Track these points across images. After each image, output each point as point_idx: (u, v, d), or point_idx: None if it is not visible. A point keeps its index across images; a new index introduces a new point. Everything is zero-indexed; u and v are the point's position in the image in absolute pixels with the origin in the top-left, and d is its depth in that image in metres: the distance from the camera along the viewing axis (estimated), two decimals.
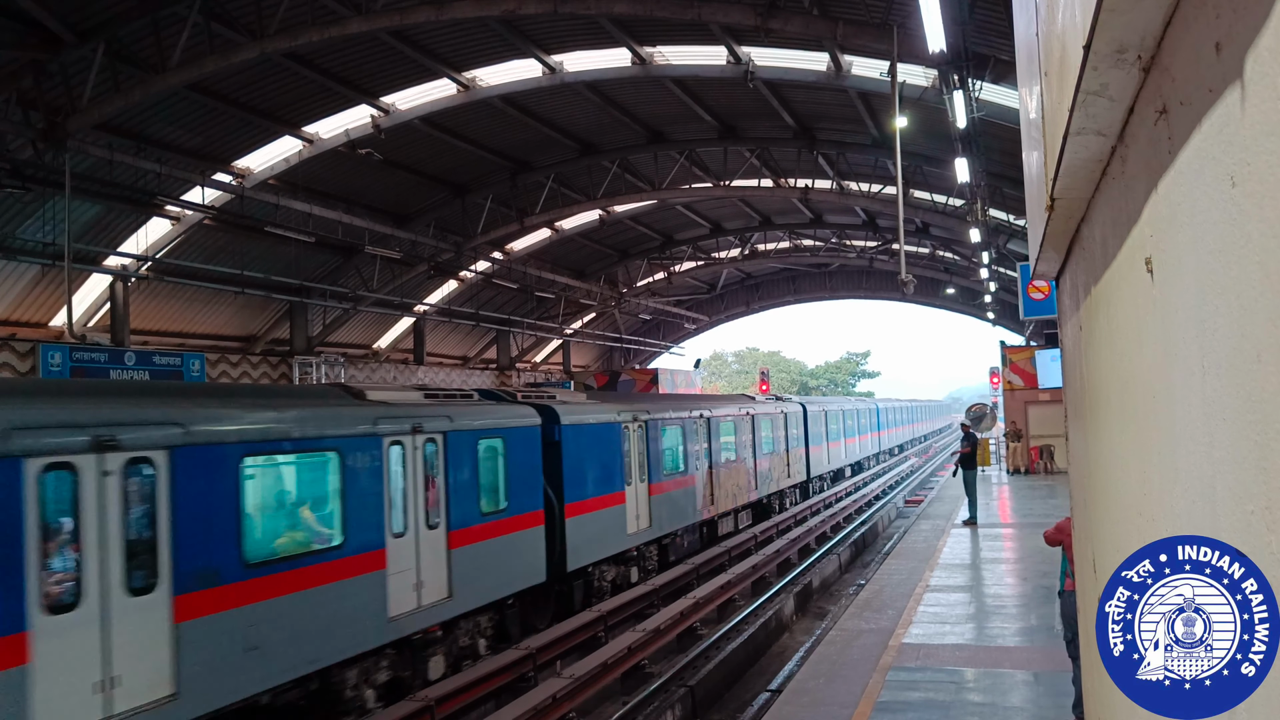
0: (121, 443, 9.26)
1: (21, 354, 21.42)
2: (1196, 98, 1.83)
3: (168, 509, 9.62)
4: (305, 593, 11.29)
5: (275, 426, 11.24)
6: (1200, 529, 2.03)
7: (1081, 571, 5.44)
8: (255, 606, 10.52)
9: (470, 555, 14.63)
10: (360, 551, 12.26)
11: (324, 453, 12.01)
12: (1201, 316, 1.91)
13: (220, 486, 10.34)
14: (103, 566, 8.96)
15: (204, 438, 10.18)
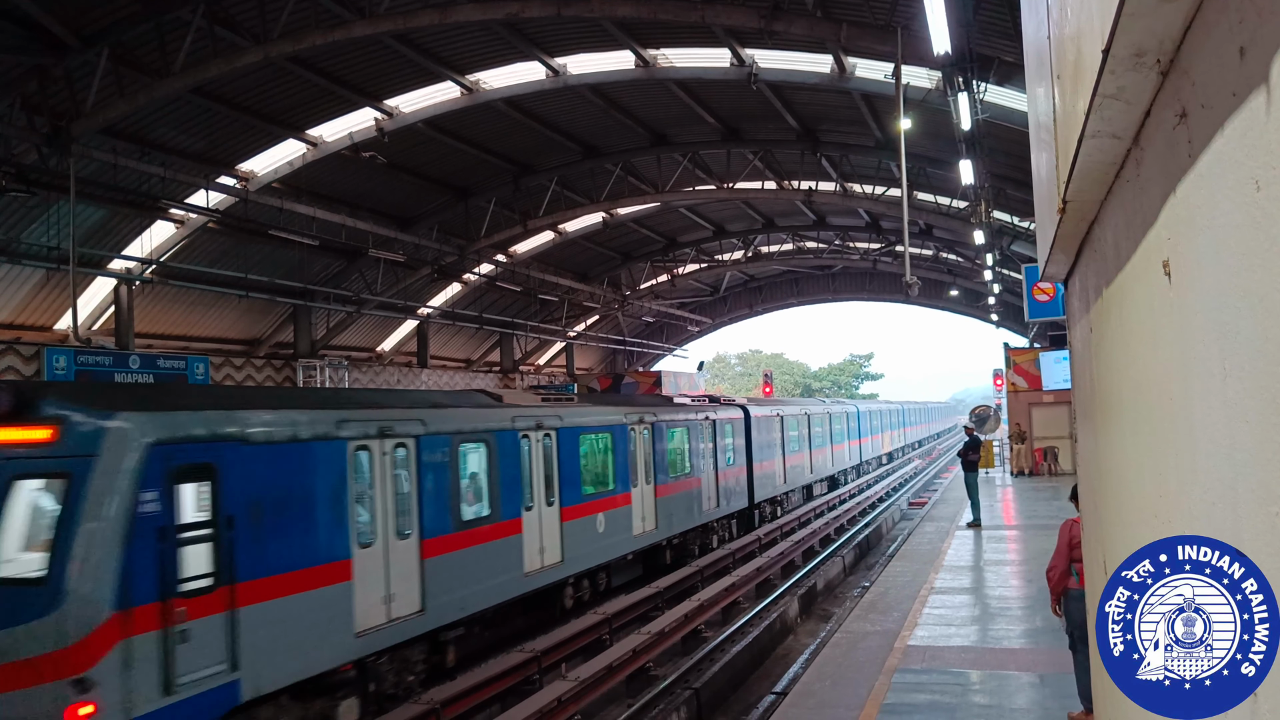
0: (395, 432, 13.28)
1: (26, 357, 21.44)
2: (1218, 101, 1.83)
3: (416, 480, 13.67)
4: (482, 546, 15.38)
5: (471, 423, 15.47)
6: (1220, 531, 2.03)
7: (1092, 573, 5.44)
8: (463, 552, 14.71)
9: (576, 527, 18.71)
10: (508, 519, 16.23)
11: (485, 441, 15.93)
12: (1223, 320, 1.91)
13: (443, 465, 14.44)
14: (385, 517, 12.93)
15: (434, 430, 14.28)
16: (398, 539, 13.17)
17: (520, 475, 16.78)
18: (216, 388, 20.22)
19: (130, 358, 23.37)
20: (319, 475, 11.97)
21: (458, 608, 14.49)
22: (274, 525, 11.09)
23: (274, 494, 11.22)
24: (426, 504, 13.87)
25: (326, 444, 12.11)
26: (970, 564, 19.27)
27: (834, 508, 36.77)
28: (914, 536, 24.20)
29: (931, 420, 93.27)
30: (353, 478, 12.41)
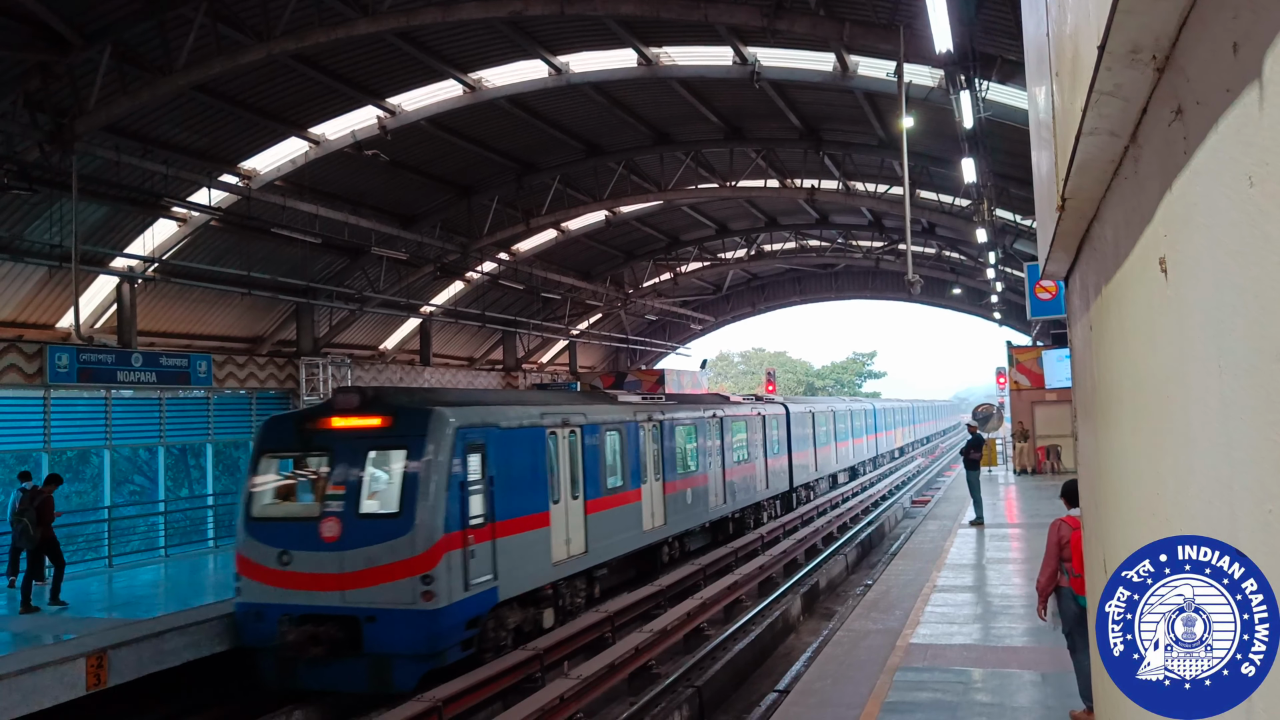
0: (570, 422, 18.66)
1: (29, 355, 21.45)
2: (1213, 98, 1.83)
3: (581, 457, 18.87)
4: (620, 508, 20.62)
5: (610, 416, 20.87)
6: (1217, 530, 2.03)
7: (1092, 572, 5.44)
8: (608, 511, 19.92)
9: (675, 498, 23.86)
10: (632, 488, 21.37)
11: (618, 430, 21.05)
12: (1219, 316, 1.90)
13: (596, 446, 19.61)
14: (565, 483, 18.19)
15: (591, 421, 19.60)
16: (572, 499, 18.48)
17: (639, 456, 22.07)
18: (477, 391, 25.81)
19: (133, 355, 23.40)
20: (533, 451, 17.23)
21: (606, 552, 19.83)
22: (512, 484, 16.20)
23: (512, 463, 16.30)
24: (588, 475, 19.20)
25: (537, 430, 17.44)
26: (972, 562, 19.28)
27: (847, 499, 36.93)
28: (916, 535, 24.20)
29: (938, 417, 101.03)
30: (549, 454, 17.70)
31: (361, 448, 14.94)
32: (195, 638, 14.85)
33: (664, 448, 23.43)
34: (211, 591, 18.63)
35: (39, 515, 16.53)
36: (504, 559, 15.52)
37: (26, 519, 16.41)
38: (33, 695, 12.57)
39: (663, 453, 23.34)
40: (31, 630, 15.15)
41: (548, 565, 17.19)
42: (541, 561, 17.00)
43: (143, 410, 25.04)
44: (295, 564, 14.54)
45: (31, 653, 13.52)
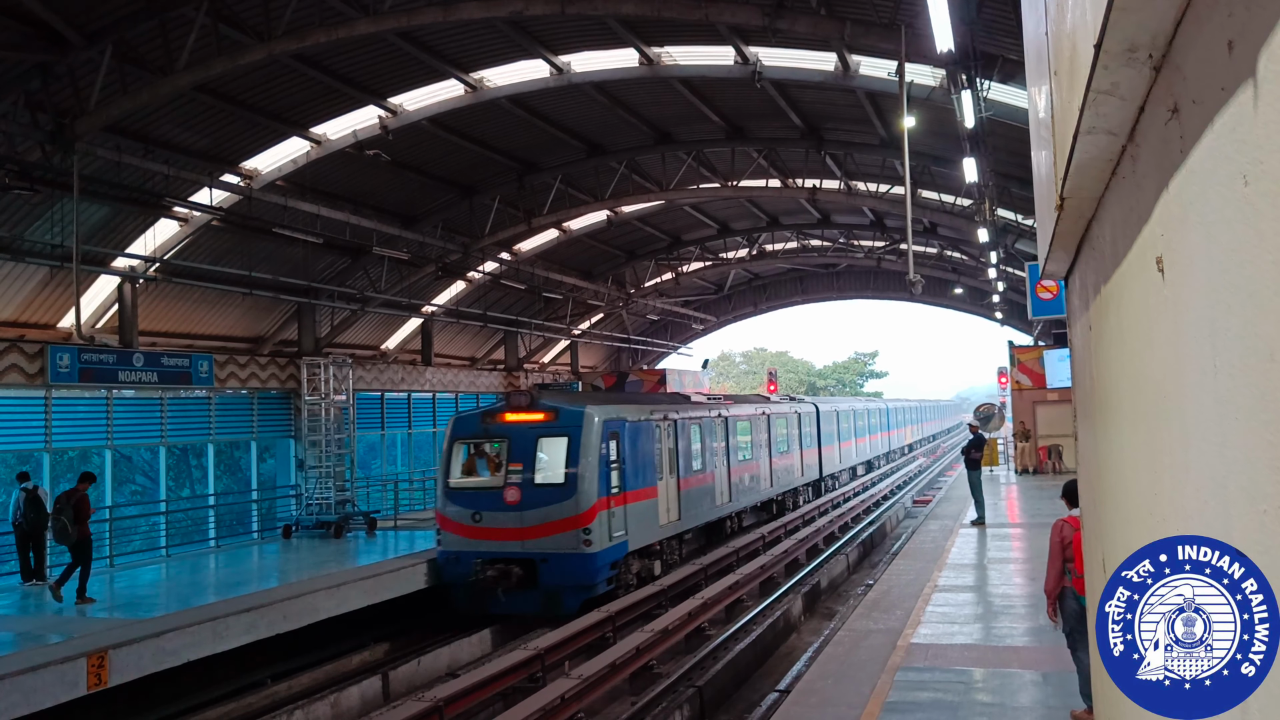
0: (668, 416, 23.72)
1: (30, 355, 21.46)
2: (1209, 96, 1.83)
3: (675, 445, 23.99)
4: (701, 486, 25.80)
5: (692, 412, 26.14)
6: (1212, 529, 2.02)
7: (1091, 572, 5.43)
8: (694, 488, 25.02)
9: (737, 481, 28.95)
10: (709, 471, 26.68)
11: (697, 424, 26.30)
12: (1214, 315, 1.90)
13: (683, 436, 24.66)
14: (665, 465, 23.24)
15: (680, 416, 24.76)
16: (670, 477, 23.67)
17: (713, 445, 27.27)
18: (606, 394, 29.15)
19: (134, 355, 23.41)
20: (649, 440, 22.71)
21: (692, 520, 25.11)
22: (636, 464, 21.67)
23: (636, 448, 21.81)
24: (680, 458, 24.31)
25: (650, 423, 22.99)
26: (974, 562, 19.27)
27: (848, 499, 37.00)
28: (918, 534, 24.20)
29: (943, 417, 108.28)
30: (655, 438, 23.00)
31: (533, 435, 20.47)
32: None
33: (728, 440, 28.60)
34: (214, 591, 18.65)
35: (76, 513, 17.13)
36: (631, 520, 21.18)
37: (64, 518, 17.00)
38: (33, 694, 12.57)
39: (727, 444, 28.47)
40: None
41: (657, 527, 22.73)
42: (653, 524, 22.50)
43: (144, 410, 25.06)
44: (485, 521, 20.00)
45: (30, 652, 13.53)
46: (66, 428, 23.05)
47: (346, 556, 22.30)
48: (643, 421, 22.54)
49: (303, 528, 26.41)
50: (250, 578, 20.19)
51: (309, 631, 17.41)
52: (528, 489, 19.96)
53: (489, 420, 21.11)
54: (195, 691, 15.50)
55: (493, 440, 21.07)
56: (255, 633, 16.29)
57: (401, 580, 19.75)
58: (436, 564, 20.42)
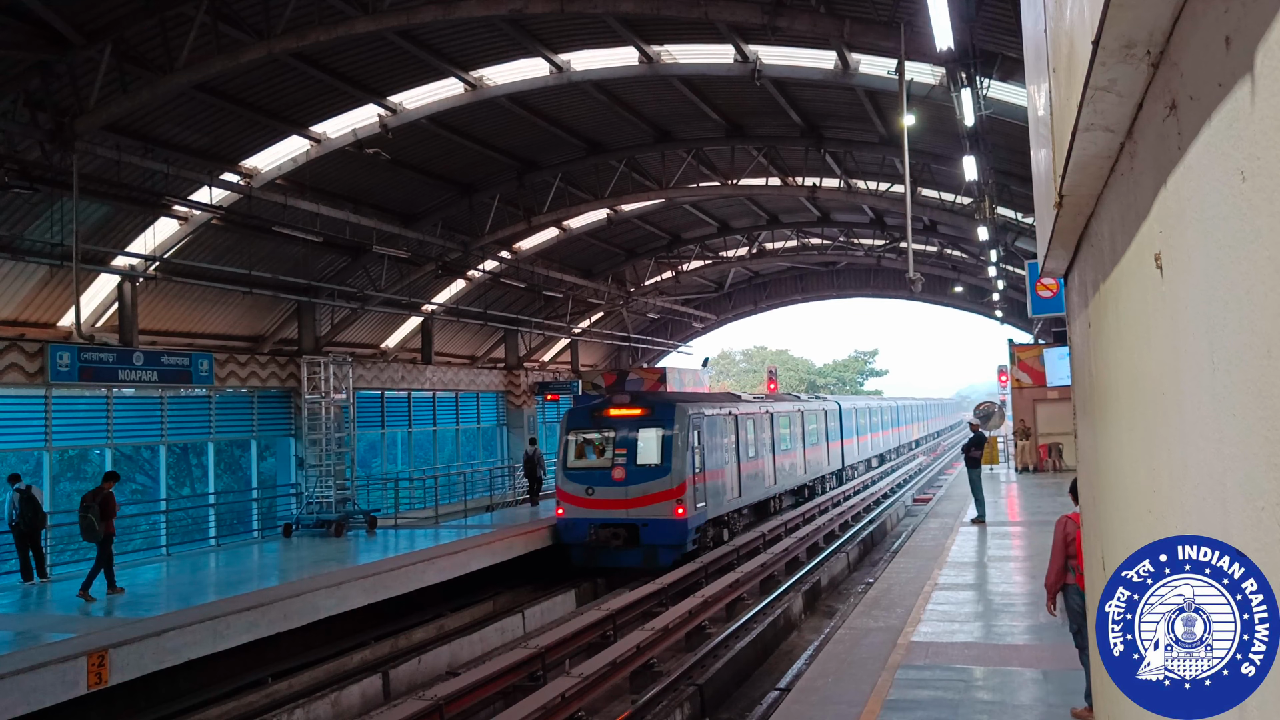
0: (734, 411, 29.36)
1: (30, 354, 21.46)
2: (1206, 92, 1.83)
3: (737, 435, 28.96)
4: (756, 470, 30.79)
5: (747, 408, 31.09)
6: (1210, 526, 2.02)
7: (1091, 569, 5.43)
8: (751, 472, 29.82)
9: (780, 467, 33.84)
10: (760, 458, 31.43)
11: (753, 418, 30.99)
12: (1211, 312, 1.90)
13: (744, 428, 29.59)
14: (731, 451, 28.48)
15: (740, 412, 29.95)
16: (734, 462, 28.55)
17: (763, 436, 32.09)
18: (687, 393, 31.92)
19: (134, 354, 23.41)
20: (721, 430, 27.65)
21: (749, 498, 30.03)
22: (710, 450, 26.20)
23: (710, 437, 26.37)
24: (741, 446, 29.29)
25: (720, 417, 27.96)
26: (974, 560, 19.27)
27: (848, 497, 37.03)
28: (918, 533, 24.20)
29: (946, 414, 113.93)
30: (727, 431, 28.12)
31: (634, 426, 25.28)
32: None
33: (773, 432, 33.29)
34: (214, 590, 18.65)
35: (102, 511, 17.63)
36: (709, 494, 25.96)
37: (91, 515, 17.54)
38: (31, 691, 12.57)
39: (772, 435, 33.24)
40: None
41: (726, 501, 27.63)
42: (724, 498, 27.51)
43: (144, 409, 25.06)
44: (596, 494, 24.72)
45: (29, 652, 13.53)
46: (67, 427, 23.06)
47: (347, 555, 22.30)
48: (715, 416, 27.79)
49: (303, 526, 26.41)
50: (250, 576, 20.19)
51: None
52: (631, 468, 24.79)
53: (597, 415, 26.06)
54: (196, 690, 15.50)
55: (602, 430, 25.78)
56: (255, 631, 16.30)
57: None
58: (556, 529, 25.23)
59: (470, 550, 22.14)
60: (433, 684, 15.13)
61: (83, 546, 22.79)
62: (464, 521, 28.18)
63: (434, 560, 21.02)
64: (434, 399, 37.63)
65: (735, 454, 28.83)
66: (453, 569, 21.31)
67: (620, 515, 24.49)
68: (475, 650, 18.35)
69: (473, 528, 26.08)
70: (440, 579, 20.91)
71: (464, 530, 25.56)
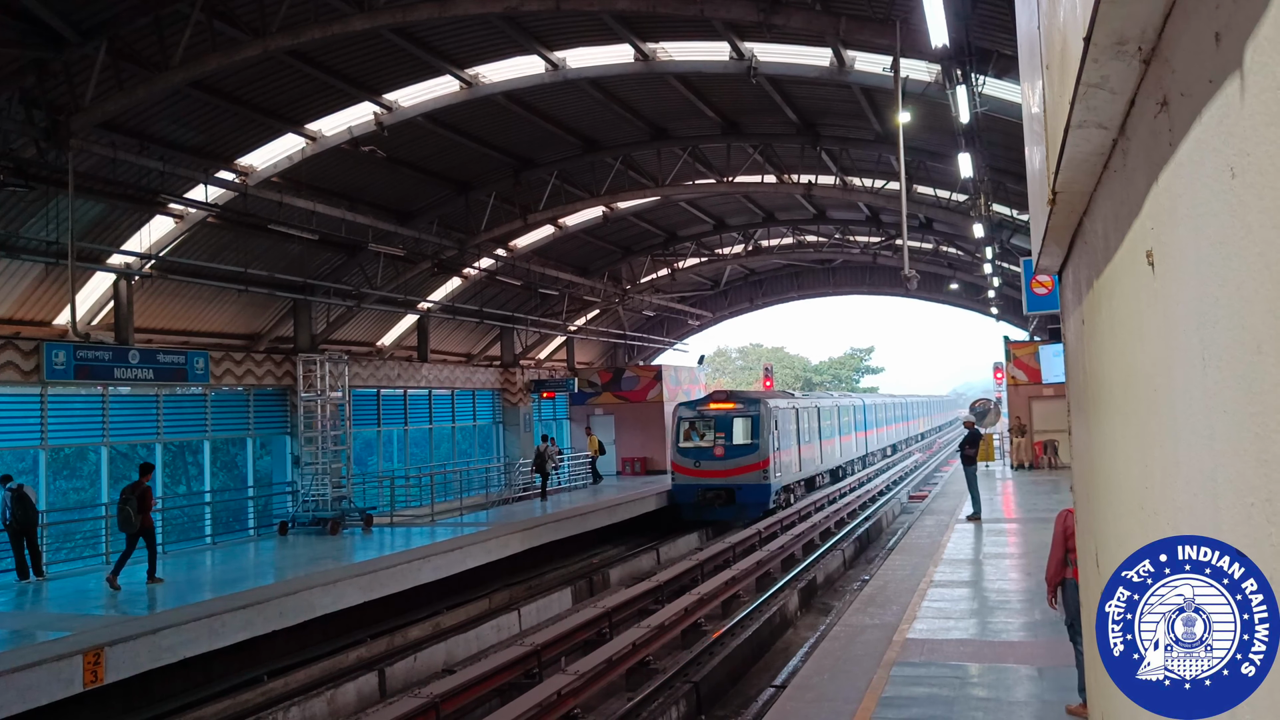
0: (794, 405, 38.36)
1: (26, 352, 21.43)
2: (1197, 89, 1.83)
3: (797, 424, 38.19)
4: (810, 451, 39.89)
5: (801, 403, 39.83)
6: (1201, 522, 2.02)
7: (1084, 565, 5.44)
8: (806, 453, 39.01)
9: (824, 449, 41.61)
10: (812, 442, 40.01)
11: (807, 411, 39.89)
12: (1202, 309, 1.90)
13: (802, 419, 38.78)
14: (794, 436, 37.43)
15: (797, 406, 38.80)
16: (798, 444, 37.01)
17: (813, 425, 40.13)
18: (766, 392, 43.96)
19: (130, 352, 23.38)
20: (789, 419, 36.17)
21: (805, 473, 37.94)
22: (782, 434, 34.90)
23: (782, 424, 34.98)
24: (800, 433, 37.49)
25: (789, 409, 36.49)
26: (970, 557, 19.28)
27: (844, 494, 37.09)
28: (914, 530, 24.21)
29: (946, 410, 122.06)
30: (792, 421, 36.56)
31: (730, 416, 34.19)
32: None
33: (819, 422, 41.71)
34: (210, 588, 18.65)
35: (140, 503, 18.36)
36: (783, 468, 34.72)
37: (129, 507, 18.23)
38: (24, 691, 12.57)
39: (818, 425, 41.62)
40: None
41: (792, 474, 36.45)
42: (792, 472, 36.45)
43: (140, 407, 25.03)
44: (703, 466, 33.31)
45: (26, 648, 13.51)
46: (62, 425, 23.03)
47: (343, 553, 22.29)
48: (785, 409, 36.50)
49: (299, 524, 26.40)
50: (246, 574, 20.17)
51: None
52: (728, 447, 33.63)
53: (702, 408, 35.37)
54: (191, 688, 15.50)
55: (705, 419, 34.67)
56: (251, 629, 16.30)
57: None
58: (670, 493, 33.89)
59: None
60: (429, 681, 15.14)
61: (79, 545, 22.84)
62: (460, 520, 28.18)
63: (429, 559, 21.03)
64: (430, 397, 37.61)
65: (796, 438, 37.55)
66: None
67: (720, 481, 33.19)
68: (471, 648, 18.36)
69: (468, 525, 26.08)
70: (435, 576, 20.89)
71: (459, 528, 25.54)
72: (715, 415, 34.54)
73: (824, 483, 42.84)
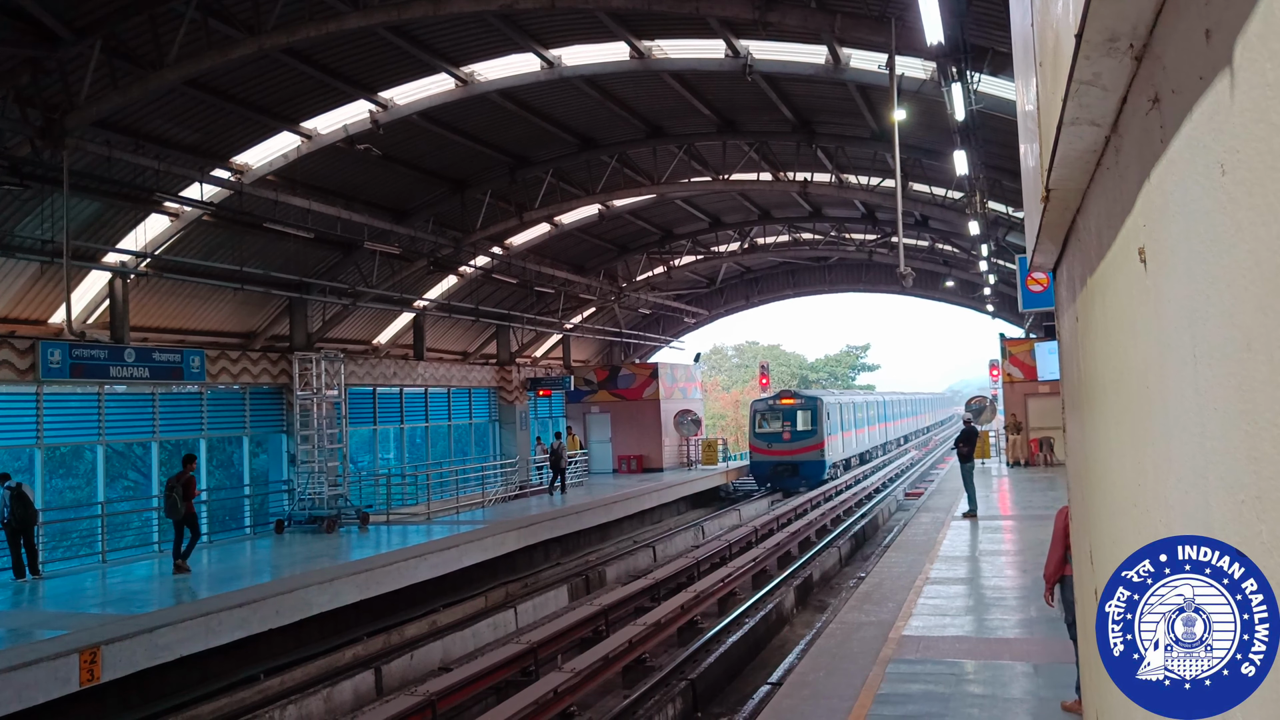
0: (839, 400, 50.58)
1: (21, 351, 21.41)
2: (1188, 86, 1.83)
3: (841, 415, 48.94)
4: (851, 435, 51.48)
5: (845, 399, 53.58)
6: (1193, 519, 2.03)
7: (1079, 563, 5.45)
8: (849, 437, 50.87)
9: (859, 435, 54.41)
10: (849, 430, 50.96)
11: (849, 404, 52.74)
12: (1193, 305, 1.90)
13: (849, 410, 51.43)
14: (843, 424, 49.27)
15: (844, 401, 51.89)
16: (843, 431, 48.55)
17: (854, 416, 51.64)
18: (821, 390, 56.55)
19: (125, 351, 23.37)
20: (841, 410, 48.68)
21: (847, 454, 49.28)
22: (833, 422, 45.84)
23: (831, 416, 45.46)
24: (843, 422, 48.77)
25: (839, 403, 48.93)
26: (966, 554, 19.30)
27: (840, 492, 37.11)
28: (910, 527, 24.23)
29: (946, 406, 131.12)
30: (838, 413, 47.38)
31: (794, 409, 43.82)
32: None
33: (855, 414, 52.34)
34: (206, 586, 18.63)
35: (185, 491, 19.87)
36: (835, 448, 45.41)
37: (175, 495, 19.78)
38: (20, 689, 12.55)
39: (855, 416, 52.32)
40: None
41: (839, 454, 46.20)
42: (838, 452, 45.95)
43: (136, 406, 25.01)
44: (774, 447, 43.20)
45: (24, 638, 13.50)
46: (58, 424, 23.01)
47: (339, 552, 22.29)
48: (834, 403, 46.82)
49: (295, 523, 26.40)
50: (243, 573, 20.17)
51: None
52: (794, 432, 43.47)
53: (773, 403, 44.99)
54: (188, 686, 15.49)
55: (775, 411, 44.44)
56: (248, 628, 16.30)
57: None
58: (749, 467, 44.96)
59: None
60: (425, 679, 15.14)
61: (74, 544, 22.83)
62: (457, 517, 28.17)
63: (425, 557, 21.03)
64: (426, 395, 37.61)
65: (840, 427, 47.20)
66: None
67: (788, 459, 43.19)
68: (468, 646, 18.36)
69: (465, 523, 26.08)
70: (435, 572, 20.87)
71: (455, 526, 25.54)
72: (783, 408, 44.47)
73: (855, 464, 52.96)
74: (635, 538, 31.15)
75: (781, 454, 43.15)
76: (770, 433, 43.74)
